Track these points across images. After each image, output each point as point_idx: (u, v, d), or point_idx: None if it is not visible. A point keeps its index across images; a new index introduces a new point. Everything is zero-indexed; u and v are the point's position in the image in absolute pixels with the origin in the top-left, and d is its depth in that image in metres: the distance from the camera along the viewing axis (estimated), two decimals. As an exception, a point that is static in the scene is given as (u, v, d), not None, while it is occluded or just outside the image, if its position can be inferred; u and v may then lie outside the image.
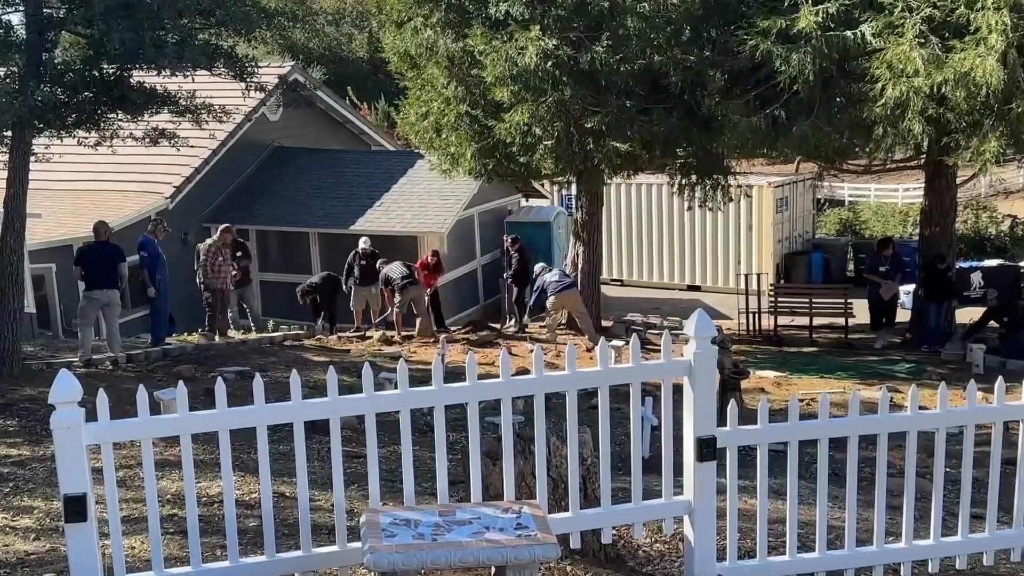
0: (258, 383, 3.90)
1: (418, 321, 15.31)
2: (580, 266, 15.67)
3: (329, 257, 18.20)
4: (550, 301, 14.45)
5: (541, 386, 4.15)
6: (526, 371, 12.02)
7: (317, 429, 7.54)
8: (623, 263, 22.83)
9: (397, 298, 15.00)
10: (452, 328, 16.48)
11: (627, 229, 22.64)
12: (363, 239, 16.13)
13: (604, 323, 16.45)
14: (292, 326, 15.89)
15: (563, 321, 15.39)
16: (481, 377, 4.15)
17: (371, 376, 4.01)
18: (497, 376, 4.15)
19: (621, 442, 8.03)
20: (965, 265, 19.10)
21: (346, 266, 16.06)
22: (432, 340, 14.66)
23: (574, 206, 17.07)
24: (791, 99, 11.39)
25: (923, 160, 15.17)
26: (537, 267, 15.33)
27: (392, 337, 14.76)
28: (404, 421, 4.06)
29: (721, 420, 4.38)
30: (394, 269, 15.06)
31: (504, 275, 17.64)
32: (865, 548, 4.51)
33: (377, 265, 15.48)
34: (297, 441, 3.96)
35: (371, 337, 14.73)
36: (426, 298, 15.86)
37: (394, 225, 18.05)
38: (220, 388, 3.86)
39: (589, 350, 13.90)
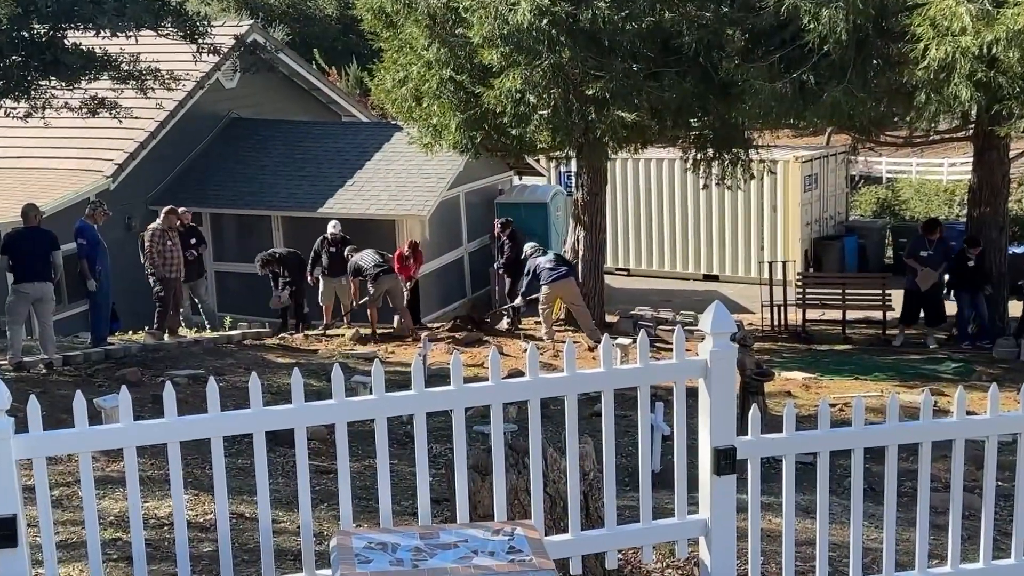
0: (213, 388, 3.89)
1: (396, 317, 15.32)
2: (581, 253, 15.69)
3: (294, 244, 18.14)
4: (542, 291, 14.46)
5: (536, 390, 4.15)
6: (519, 373, 12.08)
7: (281, 440, 7.53)
8: (630, 250, 22.87)
9: (370, 289, 15.02)
10: (434, 325, 16.49)
11: (634, 211, 22.67)
12: (332, 223, 16.13)
13: (608, 318, 16.48)
14: (252, 323, 15.88)
15: (561, 316, 15.41)
16: (468, 380, 4.15)
17: (342, 380, 4.01)
18: (486, 379, 4.15)
19: (628, 454, 8.05)
20: (1020, 250, 19.16)
21: (312, 254, 16.05)
22: (412, 339, 14.67)
23: (574, 185, 17.09)
24: (821, 61, 11.40)
25: (971, 131, 15.18)
26: (527, 247, 15.34)
27: (366, 335, 14.77)
28: (380, 431, 4.05)
29: (742, 428, 4.39)
30: (365, 257, 15.08)
31: (494, 264, 17.66)
32: (905, 573, 4.53)
33: (346, 254, 15.48)
34: (258, 454, 3.96)
35: (342, 335, 14.73)
36: (405, 291, 15.85)
37: (368, 207, 18.04)
38: (169, 394, 3.85)
39: (591, 349, 13.93)
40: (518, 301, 15.04)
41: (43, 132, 14.34)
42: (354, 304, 15.57)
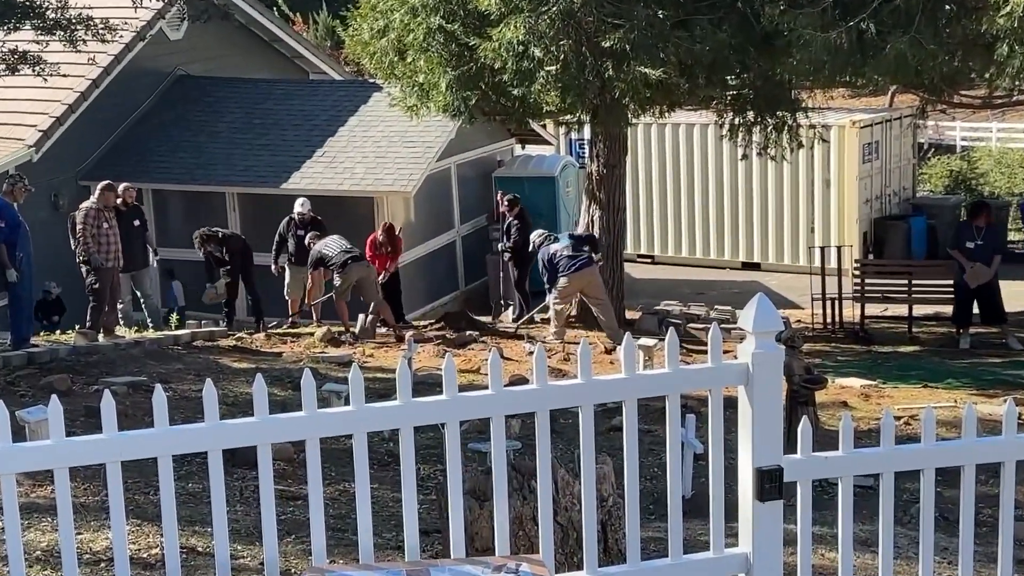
0: (159, 398, 3.90)
1: (362, 316, 15.34)
2: (596, 237, 15.72)
3: (254, 225, 18.22)
4: (560, 284, 14.46)
5: (545, 400, 4.16)
6: (524, 380, 12.15)
7: (240, 460, 7.56)
8: (654, 233, 22.92)
9: (337, 281, 15.04)
10: (421, 324, 16.50)
11: (660, 187, 22.71)
12: (300, 201, 16.15)
13: (629, 315, 16.51)
14: (204, 321, 15.91)
15: (572, 313, 15.42)
16: (463, 389, 4.16)
17: (313, 387, 4.02)
18: (485, 387, 4.16)
19: (654, 476, 8.07)
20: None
21: (277, 238, 16.07)
22: (395, 339, 14.71)
23: (587, 155, 17.09)
24: (883, 8, 11.39)
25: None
26: (534, 236, 15.33)
27: (340, 335, 14.80)
28: (359, 449, 4.07)
29: (789, 445, 4.40)
30: (329, 244, 15.11)
31: (499, 249, 17.65)
32: (984, 617, 4.54)
33: (307, 241, 15.51)
34: (213, 476, 3.97)
35: (311, 335, 14.76)
36: (377, 282, 15.88)
37: (342, 183, 18.07)
38: (108, 405, 3.86)
39: (609, 351, 13.95)
40: (551, 299, 14.96)
41: (-47, 93, 14.35)
42: (310, 300, 15.59)
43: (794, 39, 11.70)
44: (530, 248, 15.46)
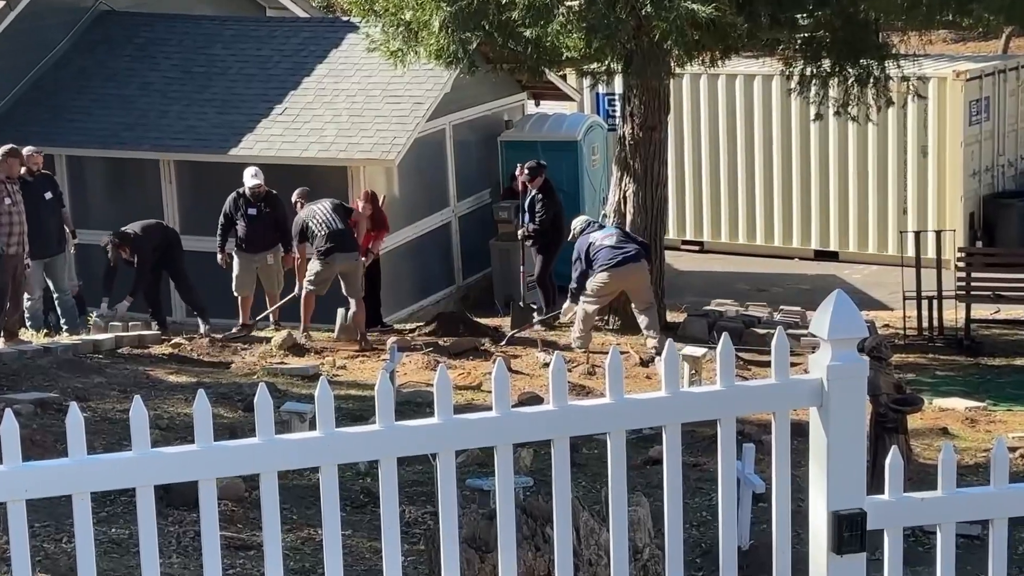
0: (75, 420, 3.90)
1: (341, 310, 15.35)
2: (630, 218, 15.70)
3: (195, 202, 18.21)
4: (597, 279, 14.37)
5: (564, 425, 4.16)
6: (538, 399, 12.13)
7: (177, 499, 7.56)
8: (703, 214, 22.90)
9: (316, 268, 15.02)
10: (406, 328, 16.49)
11: (710, 155, 22.69)
12: (251, 172, 16.12)
13: (671, 317, 16.50)
14: (132, 322, 15.94)
15: (598, 318, 15.40)
16: (460, 410, 4.16)
17: (270, 408, 4.02)
18: (488, 408, 4.16)
19: (702, 522, 8.08)
20: None
21: (222, 219, 16.07)
22: (359, 347, 14.72)
23: (619, 115, 17.06)
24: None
25: None
26: (578, 222, 15.18)
27: (303, 341, 14.81)
28: (328, 485, 4.07)
29: (875, 483, 4.39)
30: (317, 215, 15.08)
31: (520, 234, 17.60)
32: None
33: (293, 199, 15.53)
34: (143, 520, 3.97)
35: (268, 341, 14.78)
36: (362, 277, 15.87)
37: (307, 148, 18.09)
38: (9, 429, 3.86)
39: (644, 364, 13.93)
40: (566, 306, 14.92)
41: None
42: (294, 291, 15.57)
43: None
44: (570, 236, 15.37)
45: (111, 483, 4.01)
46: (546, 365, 13.36)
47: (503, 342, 15.13)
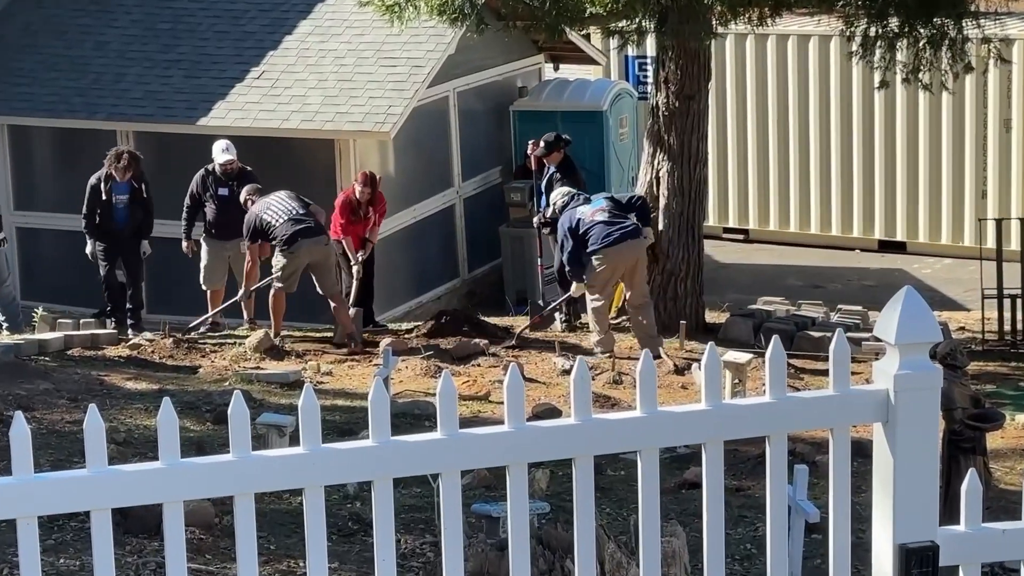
0: (20, 432, 3.92)
1: (334, 312, 15.34)
2: (663, 202, 15.70)
3: (158, 180, 18.18)
4: (594, 266, 14.38)
5: (587, 441, 4.17)
6: (555, 412, 12.12)
7: (136, 526, 7.57)
8: (749, 198, 22.85)
9: (280, 262, 14.98)
10: (402, 328, 16.48)
11: (758, 129, 22.65)
12: (222, 146, 16.13)
13: (711, 317, 16.48)
14: (84, 321, 15.96)
15: (617, 305, 15.41)
16: (466, 423, 4.18)
17: (246, 419, 4.04)
18: (499, 421, 4.18)
19: (746, 556, 8.09)
20: None
21: (188, 200, 16.08)
22: (349, 351, 14.71)
23: (652, 82, 17.04)
24: None
25: None
26: (556, 195, 15.21)
27: (281, 343, 14.80)
28: (313, 510, 4.08)
29: (948, 512, 4.40)
30: (273, 206, 15.04)
31: (535, 219, 17.58)
32: None
33: (243, 198, 15.47)
34: (98, 549, 3.98)
35: (241, 343, 14.78)
36: (356, 268, 15.83)
37: (287, 118, 18.08)
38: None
39: (681, 370, 13.92)
40: (573, 289, 14.93)
41: None
42: (247, 287, 15.57)
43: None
44: (548, 213, 15.39)
45: (62, 506, 4.03)
46: (566, 372, 13.35)
47: (510, 342, 15.12)
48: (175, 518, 4.03)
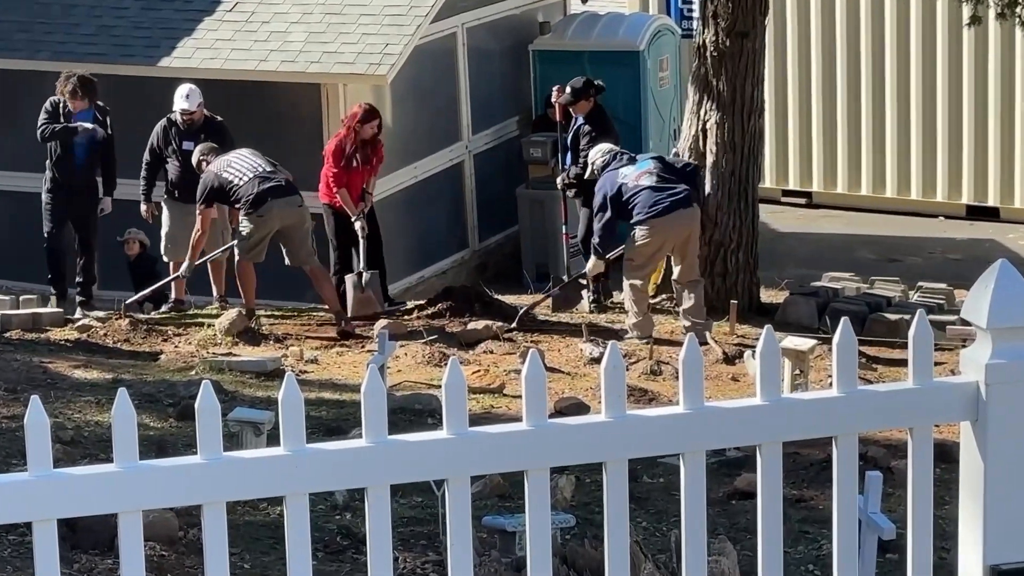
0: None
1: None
2: (711, 159, 15.71)
3: (113, 131, 18.21)
4: (637, 236, 14.38)
5: (622, 442, 4.16)
6: (581, 406, 12.08)
7: (86, 540, 7.59)
8: (813, 156, 22.81)
9: (246, 227, 14.93)
10: (400, 308, 16.46)
11: (823, 74, 22.58)
12: (185, 92, 16.10)
13: (766, 296, 16.47)
14: (25, 298, 15.99)
15: (656, 281, 15.42)
16: (476, 421, 4.17)
17: (217, 415, 4.03)
18: (515, 418, 4.18)
19: (806, 578, 8.09)
20: None
21: (148, 155, 16.08)
22: (339, 333, 14.73)
23: (698, 16, 17.01)
24: None
25: None
26: (596, 153, 15.19)
27: (257, 324, 14.80)
28: (296, 522, 4.08)
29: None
30: (234, 165, 15.01)
31: (559, 179, 17.55)
32: None
33: (195, 159, 15.42)
34: (42, 566, 3.99)
35: (210, 323, 14.79)
36: (360, 224, 15.76)
37: (265, 58, 18.08)
38: None
39: (731, 359, 13.90)
40: (590, 265, 14.87)
41: None
42: (193, 256, 15.53)
43: None
44: (587, 173, 15.39)
45: (2, 517, 4.02)
46: (595, 360, 13.36)
47: (513, 323, 15.10)
48: (133, 531, 4.03)
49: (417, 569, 7.88)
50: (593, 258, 15.06)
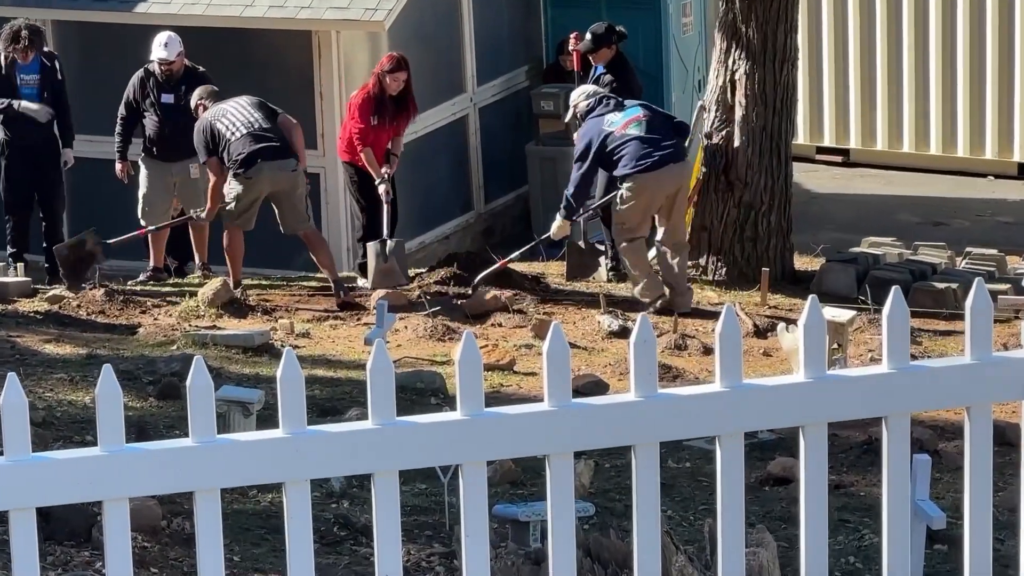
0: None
1: (313, 254, 15.34)
2: (740, 113, 15.72)
3: (84, 84, 18.21)
4: (624, 194, 14.37)
5: (652, 424, 4.18)
6: (599, 384, 12.03)
7: (62, 531, 7.59)
8: (849, 110, 22.77)
9: (235, 190, 14.87)
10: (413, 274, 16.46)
11: (861, 19, 22.53)
12: (163, 40, 16.06)
13: (801, 263, 16.46)
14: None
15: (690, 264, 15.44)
16: (492, 399, 4.18)
17: (210, 394, 4.04)
18: (525, 398, 4.19)
19: (849, 571, 8.07)
20: None
21: (123, 110, 16.06)
22: (339, 304, 14.73)
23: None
24: None
25: None
26: (579, 97, 15.08)
27: (243, 295, 14.77)
28: (296, 511, 4.10)
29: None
30: (230, 114, 14.96)
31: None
32: None
33: (193, 102, 15.39)
34: (19, 559, 4.01)
35: (193, 293, 14.79)
36: (384, 188, 15.69)
37: (251, 3, 18.03)
38: None
39: (763, 332, 13.88)
40: (555, 227, 14.87)
41: None
42: (210, 212, 15.48)
43: None
44: (568, 116, 15.41)
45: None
46: (613, 334, 13.38)
47: (470, 288, 15.16)
48: (119, 520, 4.04)
49: (422, 562, 7.86)
50: (559, 217, 15.09)
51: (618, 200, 14.54)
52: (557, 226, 15.17)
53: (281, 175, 14.93)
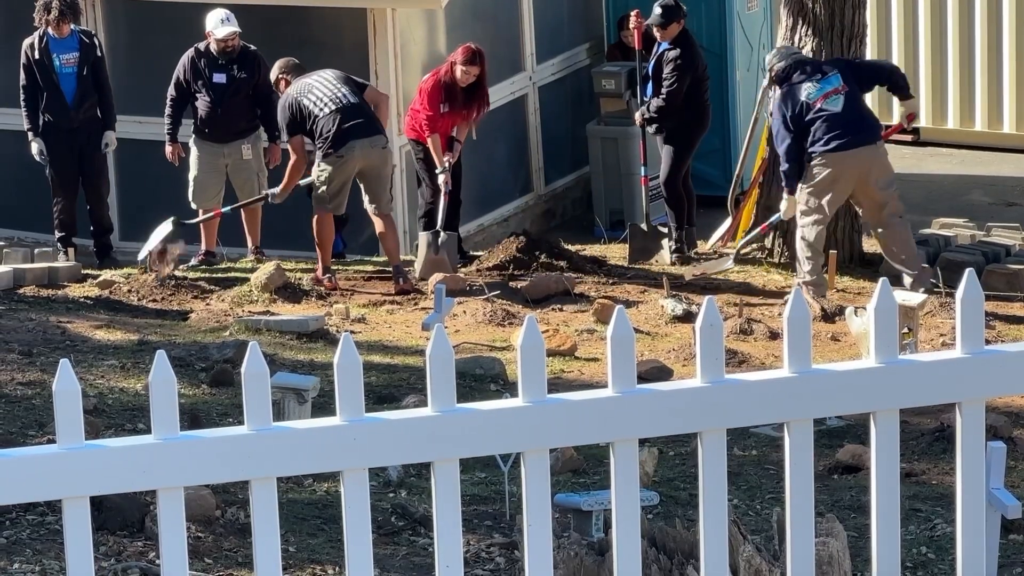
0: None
1: (380, 237, 15.35)
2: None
3: (132, 64, 18.26)
4: (813, 176, 14.26)
5: (719, 410, 4.17)
6: (663, 370, 12.02)
7: (114, 520, 7.60)
8: (920, 87, 22.68)
9: (325, 171, 14.86)
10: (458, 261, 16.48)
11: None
12: (219, 16, 16.08)
13: (870, 244, 16.40)
14: (41, 251, 16.05)
15: (745, 228, 15.37)
16: (554, 386, 4.18)
17: (265, 381, 4.06)
18: (587, 384, 4.20)
19: (920, 562, 8.05)
20: None
21: (173, 90, 16.10)
22: (397, 290, 14.72)
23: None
24: None
25: None
26: (773, 57, 14.80)
27: (318, 286, 14.77)
28: (355, 500, 4.11)
29: None
30: (316, 89, 14.94)
31: (637, 114, 17.47)
32: None
33: (274, 76, 15.40)
34: (73, 549, 4.02)
35: (246, 278, 14.80)
36: (444, 178, 15.67)
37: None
38: None
39: (830, 316, 13.84)
40: (784, 206, 14.68)
41: None
42: (285, 189, 15.46)
43: None
44: (765, 82, 15.33)
45: (25, 493, 4.06)
46: (677, 318, 13.37)
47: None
48: (174, 509, 4.05)
49: (482, 553, 7.85)
50: (786, 195, 14.81)
51: (806, 178, 14.43)
52: (787, 205, 14.89)
53: (372, 152, 14.97)
